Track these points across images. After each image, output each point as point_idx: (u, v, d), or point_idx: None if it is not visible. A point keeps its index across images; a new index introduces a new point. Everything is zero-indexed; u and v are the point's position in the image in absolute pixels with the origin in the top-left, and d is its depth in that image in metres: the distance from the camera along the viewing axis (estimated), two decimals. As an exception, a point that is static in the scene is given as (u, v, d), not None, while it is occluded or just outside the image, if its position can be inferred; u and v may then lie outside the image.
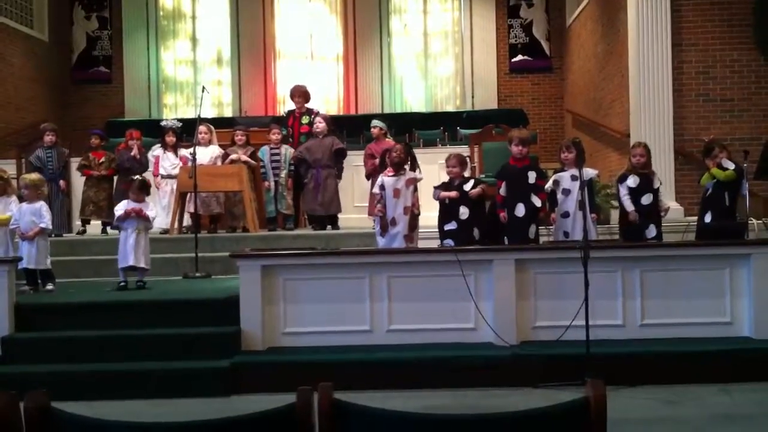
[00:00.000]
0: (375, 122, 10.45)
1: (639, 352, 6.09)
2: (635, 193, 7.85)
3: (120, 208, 7.57)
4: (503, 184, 7.88)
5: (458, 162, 7.83)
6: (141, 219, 7.47)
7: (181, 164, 10.06)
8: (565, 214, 7.80)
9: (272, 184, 10.25)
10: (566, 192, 7.79)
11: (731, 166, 7.96)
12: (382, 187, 8.01)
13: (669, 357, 6.04)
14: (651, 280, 6.45)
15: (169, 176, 10.20)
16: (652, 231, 7.76)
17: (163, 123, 10.79)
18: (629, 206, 7.86)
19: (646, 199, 7.83)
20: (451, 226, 7.67)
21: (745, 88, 10.56)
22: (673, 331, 6.37)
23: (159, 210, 9.61)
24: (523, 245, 7.25)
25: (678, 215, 9.53)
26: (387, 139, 9.92)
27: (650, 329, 6.40)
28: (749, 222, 8.22)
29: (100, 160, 10.48)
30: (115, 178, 10.48)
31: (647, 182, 7.87)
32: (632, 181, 7.87)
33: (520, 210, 7.71)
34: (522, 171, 7.84)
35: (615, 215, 9.60)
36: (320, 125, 10.29)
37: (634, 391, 5.68)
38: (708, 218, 7.94)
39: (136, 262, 7.42)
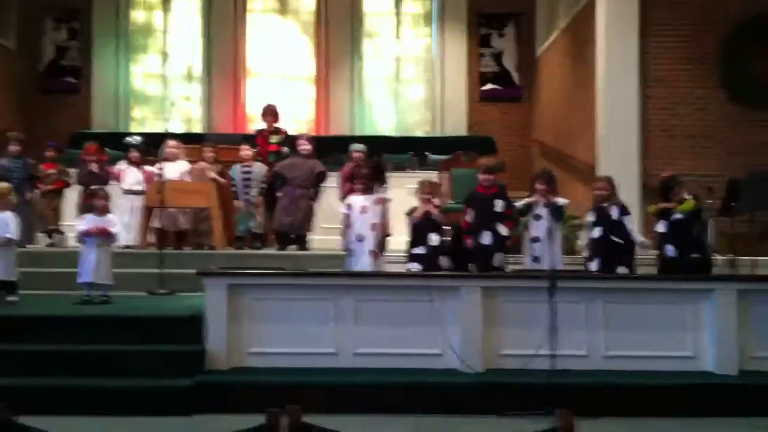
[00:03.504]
0: (357, 146, 10.37)
1: (602, 383, 6.15)
2: (592, 227, 7.97)
3: (82, 224, 7.48)
4: (470, 211, 7.93)
5: (430, 189, 7.88)
6: (105, 236, 7.41)
7: (143, 180, 10.04)
8: (535, 239, 7.87)
9: (242, 202, 10.20)
10: (537, 217, 7.88)
11: (688, 196, 8.09)
12: (349, 207, 8.04)
13: (632, 389, 6.10)
14: (615, 312, 6.53)
15: (131, 192, 10.13)
16: (594, 264, 7.73)
17: (126, 140, 10.73)
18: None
19: (596, 233, 7.86)
20: (419, 250, 7.69)
21: (710, 126, 10.75)
22: (637, 364, 6.43)
23: (120, 227, 9.52)
24: (491, 273, 7.30)
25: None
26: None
27: (614, 361, 6.47)
28: (714, 258, 8.34)
29: (49, 172, 10.39)
30: (66, 190, 10.45)
31: (602, 215, 7.93)
32: (590, 215, 8.03)
33: (486, 238, 7.77)
34: (489, 199, 7.90)
35: (580, 245, 9.69)
36: (306, 147, 10.18)
37: (598, 423, 5.69)
38: (671, 251, 8.02)
39: (96, 278, 7.34)
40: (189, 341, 6.36)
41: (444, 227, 7.86)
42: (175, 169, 9.95)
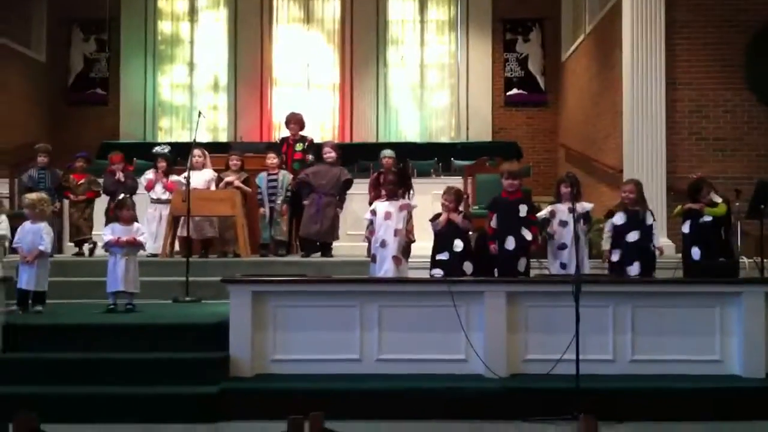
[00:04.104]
0: (388, 152, 10.43)
1: (629, 388, 6.09)
2: (621, 231, 7.87)
3: (109, 233, 7.54)
4: (494, 216, 7.90)
5: (453, 197, 7.85)
6: (133, 245, 7.49)
7: (165, 189, 10.21)
8: (562, 246, 7.86)
9: (267, 210, 10.25)
10: (563, 224, 7.87)
11: (719, 199, 8.03)
12: (374, 213, 8.06)
13: (658, 394, 6.04)
14: (642, 315, 6.46)
15: (159, 201, 10.23)
16: (635, 269, 7.74)
17: (154, 150, 10.83)
18: (606, 245, 7.93)
19: (632, 237, 7.83)
20: (443, 256, 7.66)
21: (738, 128, 10.66)
22: (663, 368, 6.38)
23: (147, 235, 9.62)
24: (516, 278, 7.27)
25: (669, 252, 9.52)
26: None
27: (640, 365, 6.41)
28: (740, 261, 8.24)
29: (79, 182, 10.55)
30: (97, 199, 10.63)
31: (635, 220, 7.87)
32: (619, 218, 7.92)
33: (510, 243, 7.72)
34: (513, 204, 7.85)
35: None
36: (330, 154, 10.24)
37: (623, 428, 5.67)
38: (697, 254, 7.95)
39: (125, 287, 7.39)
40: (213, 348, 6.39)
41: (468, 233, 7.84)
42: (200, 178, 10.02)
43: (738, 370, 6.37)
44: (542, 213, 7.99)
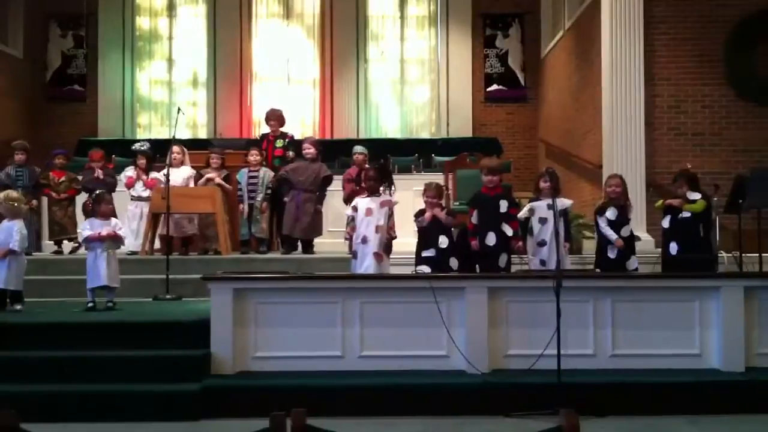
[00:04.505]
0: (359, 148, 10.46)
1: (609, 383, 6.12)
2: (614, 226, 7.88)
3: (88, 228, 7.48)
4: (475, 213, 7.90)
5: (435, 192, 7.84)
6: (113, 240, 7.44)
7: (145, 187, 10.17)
8: (542, 243, 7.82)
9: (246, 207, 10.22)
10: (543, 221, 7.83)
11: (697, 196, 8.04)
12: (355, 209, 8.04)
13: (638, 388, 6.06)
14: (622, 310, 6.49)
15: (140, 198, 10.19)
16: (633, 263, 7.82)
17: (133, 147, 10.78)
18: (613, 235, 7.87)
19: (625, 232, 7.86)
20: (429, 253, 7.65)
21: (716, 123, 10.72)
22: (643, 362, 6.40)
23: (127, 232, 9.58)
24: (497, 274, 7.28)
25: (649, 246, 9.60)
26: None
27: (621, 359, 6.44)
28: (719, 255, 8.30)
29: (60, 180, 10.48)
30: (77, 197, 10.57)
31: (624, 214, 7.92)
32: (611, 213, 7.90)
33: (491, 239, 7.71)
34: (494, 200, 7.85)
35: (587, 245, 9.66)
36: (309, 151, 10.21)
37: (604, 422, 5.69)
38: (674, 249, 8.00)
39: (108, 281, 7.35)
40: (195, 346, 6.36)
41: (452, 228, 7.84)
42: (179, 175, 9.98)
43: (717, 364, 6.42)
44: (522, 213, 7.97)
